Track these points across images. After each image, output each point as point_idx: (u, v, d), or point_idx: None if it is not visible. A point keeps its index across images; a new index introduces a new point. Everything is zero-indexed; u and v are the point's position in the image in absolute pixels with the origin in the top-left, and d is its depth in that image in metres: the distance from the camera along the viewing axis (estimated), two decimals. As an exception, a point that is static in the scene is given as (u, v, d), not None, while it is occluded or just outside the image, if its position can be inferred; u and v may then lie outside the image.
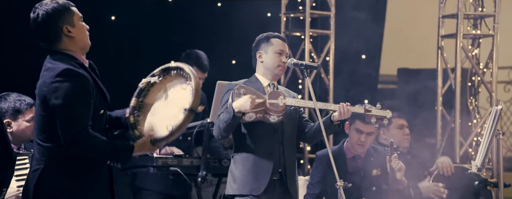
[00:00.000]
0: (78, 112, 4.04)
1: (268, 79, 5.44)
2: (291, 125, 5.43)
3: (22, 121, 5.36)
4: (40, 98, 4.14)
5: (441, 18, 8.33)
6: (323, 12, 8.54)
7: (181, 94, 4.28)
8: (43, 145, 4.14)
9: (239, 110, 5.14)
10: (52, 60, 4.19)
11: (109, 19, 7.95)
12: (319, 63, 6.23)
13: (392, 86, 10.66)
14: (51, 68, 4.13)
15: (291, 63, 5.43)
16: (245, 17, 7.89)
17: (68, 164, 4.11)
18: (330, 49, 8.54)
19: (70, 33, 4.20)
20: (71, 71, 4.08)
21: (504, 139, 10.48)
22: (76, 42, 4.23)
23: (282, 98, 5.26)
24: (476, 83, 8.47)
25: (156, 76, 4.37)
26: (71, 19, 4.21)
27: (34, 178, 4.13)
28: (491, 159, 7.86)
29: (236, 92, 5.22)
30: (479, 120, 8.33)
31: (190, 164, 6.33)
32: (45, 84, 4.10)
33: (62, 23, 4.19)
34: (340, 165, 6.06)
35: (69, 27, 4.20)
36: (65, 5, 4.22)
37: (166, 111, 4.28)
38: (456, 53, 8.09)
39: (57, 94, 4.04)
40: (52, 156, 4.12)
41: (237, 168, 5.36)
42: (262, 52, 5.42)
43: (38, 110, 4.18)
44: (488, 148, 5.56)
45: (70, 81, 4.05)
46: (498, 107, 5.58)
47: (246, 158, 5.35)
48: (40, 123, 4.15)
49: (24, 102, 5.40)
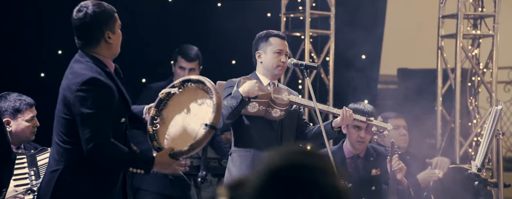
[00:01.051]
0: (101, 123, 4.08)
1: (268, 79, 5.43)
2: (290, 125, 5.43)
3: (22, 121, 5.36)
4: (64, 101, 4.16)
5: (441, 18, 8.32)
6: (323, 12, 8.54)
7: (201, 109, 4.28)
8: (63, 146, 4.17)
9: (246, 94, 5.13)
10: (80, 64, 4.19)
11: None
12: (319, 63, 6.25)
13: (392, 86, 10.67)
14: (77, 74, 4.14)
15: (291, 63, 5.43)
16: (245, 17, 7.88)
17: (88, 166, 4.15)
18: (330, 49, 8.54)
19: (109, 39, 4.24)
20: (97, 82, 4.10)
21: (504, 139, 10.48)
22: (111, 49, 4.27)
23: (287, 94, 5.28)
24: (476, 83, 8.47)
25: (176, 88, 4.36)
26: (113, 26, 4.26)
27: (53, 179, 4.16)
28: (491, 159, 7.86)
29: (242, 81, 5.22)
30: (479, 120, 8.33)
31: (190, 164, 6.33)
32: (70, 90, 4.11)
33: (106, 28, 4.22)
34: (338, 165, 6.06)
35: (110, 34, 4.23)
36: (112, 11, 4.27)
37: (186, 125, 4.28)
38: (456, 53, 8.08)
39: (82, 103, 4.07)
40: (72, 158, 4.16)
41: (235, 166, 5.36)
42: (261, 52, 5.41)
43: (60, 111, 4.19)
44: (488, 148, 5.56)
45: (95, 92, 4.08)
46: (498, 107, 5.58)
47: (245, 156, 5.34)
48: (63, 124, 4.17)
49: (24, 101, 5.41)
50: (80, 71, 4.14)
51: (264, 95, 5.21)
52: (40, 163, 5.31)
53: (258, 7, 8.35)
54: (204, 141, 4.21)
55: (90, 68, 4.15)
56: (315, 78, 8.52)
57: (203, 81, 4.32)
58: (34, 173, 5.27)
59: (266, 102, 5.22)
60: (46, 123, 7.05)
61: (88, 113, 4.05)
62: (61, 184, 4.15)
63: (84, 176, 4.15)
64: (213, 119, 4.19)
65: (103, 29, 4.21)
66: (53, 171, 4.18)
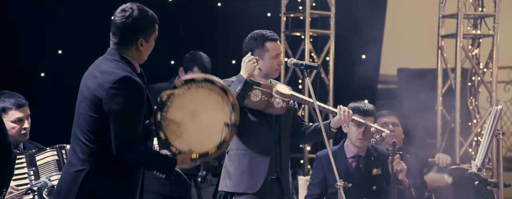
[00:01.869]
0: (134, 121, 4.08)
1: (263, 79, 5.39)
2: (287, 123, 5.42)
3: (6, 121, 5.27)
4: (92, 99, 4.13)
5: (441, 18, 8.32)
6: (323, 12, 8.54)
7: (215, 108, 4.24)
8: (89, 145, 4.15)
9: (249, 74, 5.13)
10: (110, 62, 4.19)
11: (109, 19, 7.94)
12: (319, 63, 6.23)
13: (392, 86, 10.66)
14: (108, 72, 4.13)
15: (291, 63, 5.42)
16: (245, 17, 7.88)
17: (114, 166, 4.14)
18: (330, 49, 8.54)
19: (141, 47, 4.24)
20: (130, 80, 4.10)
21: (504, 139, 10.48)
22: (140, 55, 4.27)
23: (289, 89, 5.28)
24: (476, 83, 8.47)
25: (177, 89, 4.31)
26: (149, 36, 4.26)
27: (79, 179, 4.14)
28: (491, 159, 7.86)
29: None
30: (479, 120, 8.33)
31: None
32: (103, 88, 4.10)
33: (142, 36, 4.22)
34: (340, 165, 6.07)
35: (144, 42, 4.24)
36: (153, 20, 4.28)
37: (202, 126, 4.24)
38: (456, 53, 8.09)
39: (115, 100, 4.06)
40: (99, 158, 4.14)
41: (233, 165, 5.33)
42: (257, 58, 5.32)
43: (86, 110, 4.16)
44: (488, 148, 5.56)
45: (129, 90, 4.07)
46: (498, 107, 5.58)
47: (242, 156, 5.32)
48: (89, 123, 4.15)
49: (10, 101, 5.35)
50: (112, 70, 4.13)
51: (268, 85, 5.20)
52: (39, 163, 5.30)
53: (258, 7, 8.35)
54: (229, 141, 4.23)
55: (121, 67, 4.16)
56: (315, 78, 8.53)
57: (212, 80, 4.27)
58: (33, 173, 5.26)
59: (269, 92, 5.21)
60: (46, 122, 7.07)
61: (121, 111, 4.04)
62: (87, 184, 4.13)
63: (109, 177, 4.14)
64: (234, 117, 4.19)
65: (138, 36, 4.21)
66: (78, 170, 4.14)
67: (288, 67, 8.29)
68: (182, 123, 4.26)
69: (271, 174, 5.31)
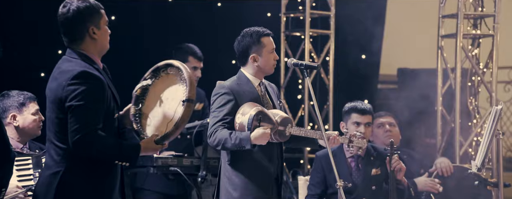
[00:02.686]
0: (90, 115, 4.06)
1: (258, 78, 5.37)
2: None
3: (27, 114, 5.39)
4: (55, 101, 4.14)
5: (441, 18, 8.32)
6: (323, 12, 8.54)
7: (177, 90, 4.26)
8: (61, 147, 4.15)
9: (256, 142, 5.03)
10: (68, 62, 4.20)
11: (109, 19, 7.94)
12: (319, 63, 6.23)
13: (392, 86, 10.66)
14: (66, 71, 4.14)
15: (291, 63, 5.41)
16: (245, 17, 7.88)
17: (88, 166, 4.13)
18: (330, 49, 8.54)
19: (94, 35, 4.23)
20: (87, 74, 4.10)
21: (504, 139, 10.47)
22: (97, 45, 4.26)
23: (289, 127, 5.19)
24: (476, 83, 8.47)
25: (148, 80, 4.35)
26: (98, 22, 4.24)
27: (55, 180, 4.13)
28: (491, 159, 7.86)
29: (255, 118, 5.05)
30: (479, 120, 8.33)
31: (190, 164, 6.33)
32: (61, 87, 4.11)
33: (90, 24, 4.21)
34: (340, 165, 6.07)
35: (95, 29, 4.23)
36: (96, 6, 4.25)
37: (166, 110, 4.27)
38: (456, 53, 8.08)
39: (72, 96, 4.06)
40: (72, 158, 4.13)
41: (237, 176, 5.22)
42: (255, 56, 5.27)
43: (52, 112, 4.17)
44: (488, 148, 5.56)
45: (86, 84, 4.07)
46: (498, 107, 5.58)
47: (248, 164, 5.22)
48: (57, 125, 4.15)
49: (27, 95, 5.45)
50: (69, 68, 4.14)
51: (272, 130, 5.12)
52: (45, 165, 5.32)
53: (258, 7, 8.35)
54: (186, 117, 4.17)
55: (79, 64, 4.15)
56: (315, 78, 8.53)
57: (171, 63, 4.30)
58: (39, 174, 5.27)
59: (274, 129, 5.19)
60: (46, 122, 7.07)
61: (77, 105, 4.04)
62: (63, 185, 4.12)
63: (84, 177, 4.13)
64: (188, 92, 4.16)
65: (87, 25, 4.20)
66: (54, 173, 4.14)
67: (288, 67, 8.29)
68: (156, 111, 4.29)
69: (273, 175, 5.30)
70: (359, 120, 6.22)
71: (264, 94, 5.35)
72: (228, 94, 5.21)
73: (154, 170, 6.20)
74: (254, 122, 5.05)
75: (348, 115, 6.27)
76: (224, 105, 5.19)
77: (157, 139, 4.22)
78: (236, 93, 5.23)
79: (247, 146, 5.00)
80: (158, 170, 6.20)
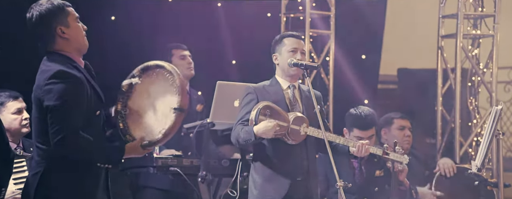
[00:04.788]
0: (69, 114, 4.02)
1: (287, 81, 5.40)
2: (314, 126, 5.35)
3: (7, 114, 5.33)
4: (36, 101, 4.13)
5: (441, 18, 8.32)
6: (323, 12, 8.54)
7: (166, 94, 4.22)
8: (41, 147, 4.13)
9: (260, 135, 5.10)
10: (47, 62, 4.18)
11: (109, 19, 7.94)
12: (319, 63, 6.22)
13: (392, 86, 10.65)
14: (45, 71, 4.12)
15: (291, 63, 5.42)
16: (245, 17, 7.88)
17: (68, 166, 4.09)
18: (330, 49, 8.54)
19: (64, 34, 4.18)
20: (64, 73, 4.06)
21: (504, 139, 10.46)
22: (71, 43, 4.20)
23: (305, 127, 5.21)
24: (476, 83, 8.47)
25: (136, 77, 4.32)
26: (65, 20, 4.18)
27: (35, 182, 4.12)
28: (491, 159, 7.86)
29: (261, 112, 5.14)
30: (479, 120, 8.33)
31: (190, 164, 6.32)
32: (39, 87, 4.09)
33: (56, 24, 4.16)
34: (342, 166, 6.05)
35: (63, 28, 4.17)
36: (59, 6, 4.19)
37: (154, 113, 4.23)
38: (456, 53, 8.08)
39: (50, 96, 4.03)
40: (50, 158, 4.10)
41: (258, 174, 5.32)
42: (277, 54, 5.38)
43: (35, 113, 4.16)
44: (488, 148, 5.55)
45: (63, 83, 4.03)
46: (498, 107, 5.57)
47: (267, 163, 5.29)
48: (38, 125, 4.14)
49: (6, 94, 5.39)
50: (47, 68, 4.11)
51: (282, 128, 5.15)
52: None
53: (258, 7, 8.35)
54: (175, 126, 4.14)
55: (56, 64, 4.12)
56: (315, 78, 8.53)
57: (163, 66, 4.25)
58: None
59: (283, 133, 5.19)
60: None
61: (55, 105, 4.00)
62: (42, 186, 4.09)
63: (64, 178, 4.09)
64: (180, 101, 4.12)
65: (53, 26, 4.15)
66: (35, 173, 4.13)
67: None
68: (143, 111, 4.25)
69: (297, 176, 5.29)
70: (361, 135, 6.17)
71: (293, 98, 5.36)
72: (251, 93, 5.33)
73: (154, 170, 6.19)
74: (261, 116, 5.13)
75: (350, 127, 6.24)
76: (246, 104, 5.32)
77: (144, 144, 4.18)
78: (260, 93, 5.33)
79: (252, 138, 5.10)
80: (158, 170, 6.19)
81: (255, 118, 5.15)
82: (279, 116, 5.17)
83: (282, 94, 5.35)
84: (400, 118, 6.67)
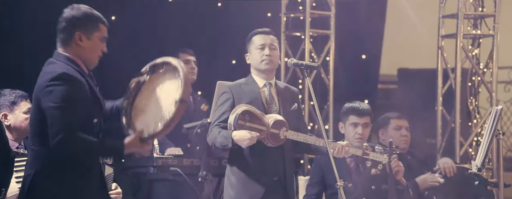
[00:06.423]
0: (69, 116, 4.02)
1: (263, 79, 5.39)
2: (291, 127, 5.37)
3: (19, 113, 5.35)
4: (35, 102, 4.13)
5: (441, 18, 8.32)
6: (323, 12, 8.54)
7: (171, 88, 4.23)
8: (34, 148, 4.13)
9: (237, 143, 5.10)
10: (52, 63, 4.18)
11: (109, 19, 7.94)
12: (319, 63, 6.23)
13: (392, 86, 10.66)
14: (48, 72, 4.12)
15: (291, 64, 5.41)
16: (245, 17, 7.88)
17: (60, 168, 4.09)
18: (330, 49, 8.54)
19: (81, 42, 4.18)
20: (66, 76, 4.06)
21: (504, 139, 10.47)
22: (82, 53, 4.20)
23: (284, 131, 5.20)
24: (476, 83, 8.47)
25: (144, 75, 4.34)
26: (91, 32, 4.20)
27: (26, 184, 4.11)
28: (491, 159, 7.86)
29: (240, 117, 5.12)
30: (479, 120, 8.33)
31: (190, 164, 6.32)
32: (40, 88, 4.09)
33: (79, 29, 4.18)
34: (339, 165, 6.06)
35: (83, 37, 4.18)
36: (94, 17, 4.22)
37: (159, 107, 4.24)
38: (456, 53, 8.09)
39: (50, 97, 4.03)
40: (44, 160, 4.10)
41: (234, 175, 5.30)
42: (248, 54, 5.41)
43: (33, 114, 4.16)
44: (488, 148, 5.55)
45: (64, 85, 4.04)
46: (498, 107, 5.57)
47: (244, 163, 5.28)
48: (34, 126, 4.14)
49: (18, 93, 5.42)
50: (51, 70, 4.11)
51: (261, 132, 5.15)
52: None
53: (258, 7, 8.35)
54: (177, 116, 4.13)
55: (60, 66, 4.12)
56: (315, 78, 8.53)
57: (169, 62, 4.27)
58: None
59: (262, 137, 5.19)
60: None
61: (56, 107, 4.00)
62: (33, 188, 4.08)
63: (56, 180, 4.08)
64: (182, 93, 4.12)
65: (75, 29, 4.17)
66: (27, 175, 4.13)
67: (288, 68, 8.29)
68: (147, 107, 4.26)
69: (274, 176, 5.29)
70: (357, 121, 6.20)
71: (270, 96, 5.35)
72: (227, 93, 5.31)
73: (154, 170, 6.19)
74: (239, 121, 5.10)
75: (346, 116, 6.25)
76: (222, 104, 5.31)
77: (144, 137, 4.17)
78: (235, 93, 5.30)
79: (229, 144, 5.08)
80: (158, 170, 6.19)
81: (234, 123, 5.12)
82: (258, 120, 5.15)
83: (258, 93, 5.33)
84: (396, 117, 6.67)
